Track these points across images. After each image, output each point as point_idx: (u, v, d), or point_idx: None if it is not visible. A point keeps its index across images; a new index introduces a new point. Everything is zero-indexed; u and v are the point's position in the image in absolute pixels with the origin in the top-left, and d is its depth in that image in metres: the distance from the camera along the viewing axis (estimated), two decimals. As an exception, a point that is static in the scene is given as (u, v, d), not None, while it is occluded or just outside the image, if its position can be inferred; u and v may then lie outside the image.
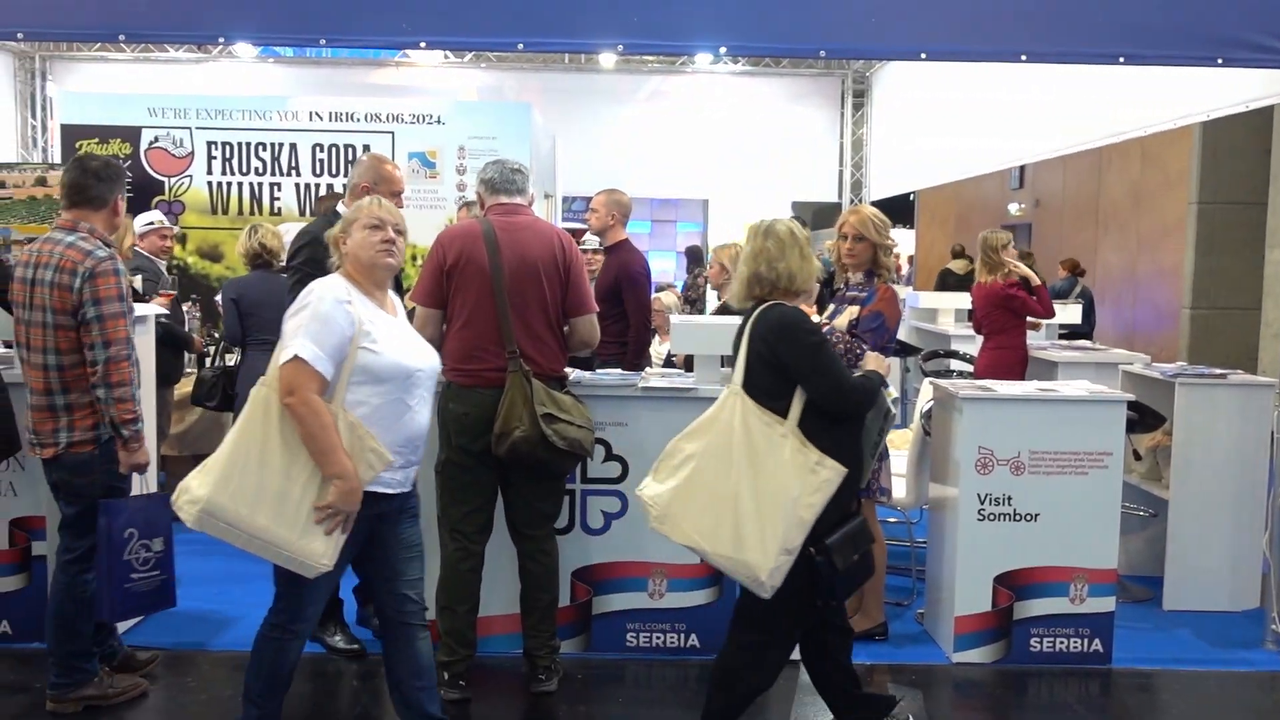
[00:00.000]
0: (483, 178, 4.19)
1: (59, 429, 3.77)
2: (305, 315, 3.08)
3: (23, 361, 3.87)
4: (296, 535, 3.02)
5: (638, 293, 5.41)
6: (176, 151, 8.11)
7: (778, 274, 3.42)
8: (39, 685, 4.17)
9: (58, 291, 3.68)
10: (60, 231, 3.81)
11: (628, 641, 4.54)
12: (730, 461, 3.27)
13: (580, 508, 4.49)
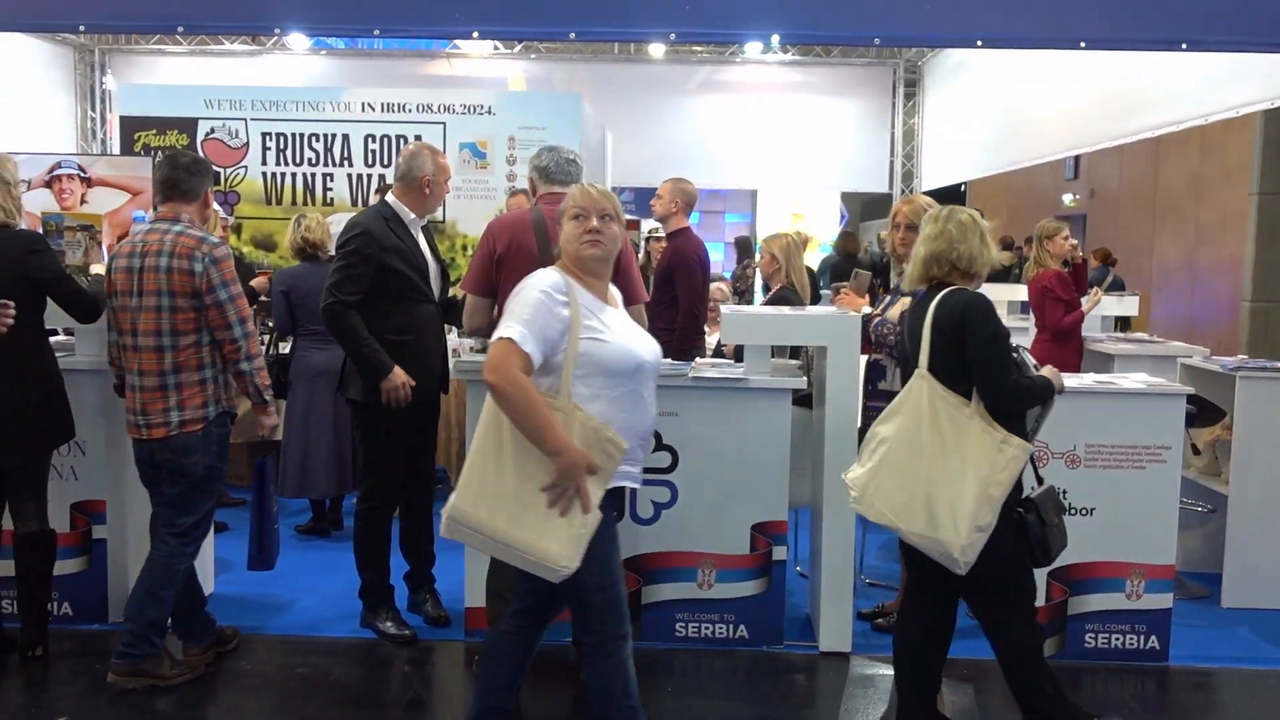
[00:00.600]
0: (537, 164, 4.19)
1: (169, 409, 3.91)
2: (514, 302, 3.01)
3: (124, 347, 3.99)
4: (534, 537, 2.91)
5: (688, 277, 5.40)
6: (232, 143, 8.22)
7: (958, 255, 3.50)
8: (99, 667, 4.26)
9: (178, 276, 3.86)
10: (163, 222, 3.98)
11: (677, 631, 4.54)
12: (920, 443, 3.38)
13: (630, 497, 4.49)
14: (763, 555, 4.49)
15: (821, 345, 4.55)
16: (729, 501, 4.46)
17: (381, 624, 4.53)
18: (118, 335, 4.03)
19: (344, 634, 4.59)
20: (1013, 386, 3.39)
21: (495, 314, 4.08)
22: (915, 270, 3.60)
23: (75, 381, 4.34)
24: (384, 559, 4.55)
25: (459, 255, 7.98)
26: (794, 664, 4.42)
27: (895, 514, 3.40)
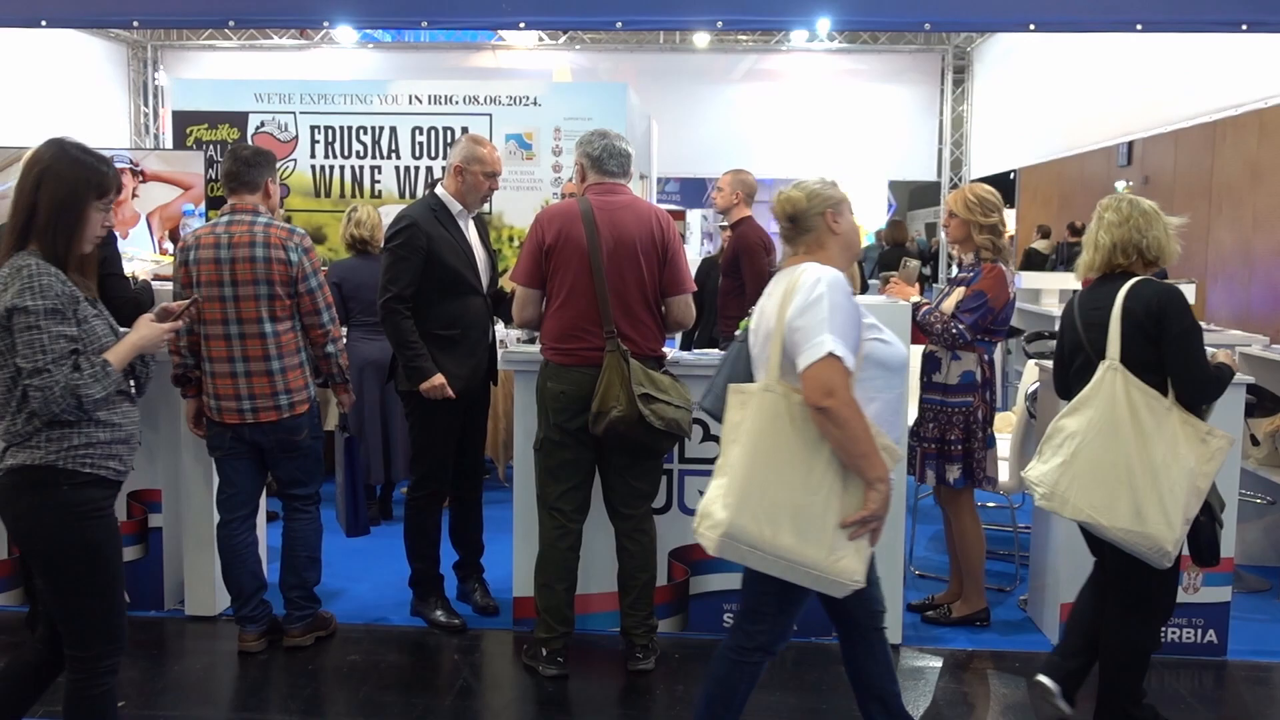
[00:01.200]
0: (587, 151, 4.13)
1: (278, 392, 4.08)
2: (823, 309, 2.76)
3: (209, 337, 4.05)
4: (825, 554, 2.75)
5: (754, 261, 5.42)
6: (281, 136, 8.29)
7: (1149, 243, 3.47)
8: (155, 652, 4.35)
9: (276, 265, 4.03)
10: (243, 214, 4.11)
11: (725, 622, 4.52)
12: (1118, 436, 3.31)
13: (678, 487, 4.49)
14: (812, 546, 4.45)
15: (871, 335, 4.50)
16: (777, 492, 4.43)
17: (431, 612, 4.56)
18: (199, 326, 4.08)
19: (394, 622, 4.64)
20: (1211, 379, 3.35)
21: (544, 306, 4.09)
22: (1098, 257, 3.52)
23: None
24: (434, 548, 4.59)
25: (505, 247, 8.00)
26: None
27: (1095, 510, 3.32)
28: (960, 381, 4.51)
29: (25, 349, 2.67)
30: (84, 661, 2.84)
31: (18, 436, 2.73)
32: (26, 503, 2.75)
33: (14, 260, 2.73)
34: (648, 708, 3.95)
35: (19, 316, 2.67)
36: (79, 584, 2.80)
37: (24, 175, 2.78)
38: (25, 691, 3.00)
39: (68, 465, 2.74)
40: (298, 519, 4.29)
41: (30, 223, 2.76)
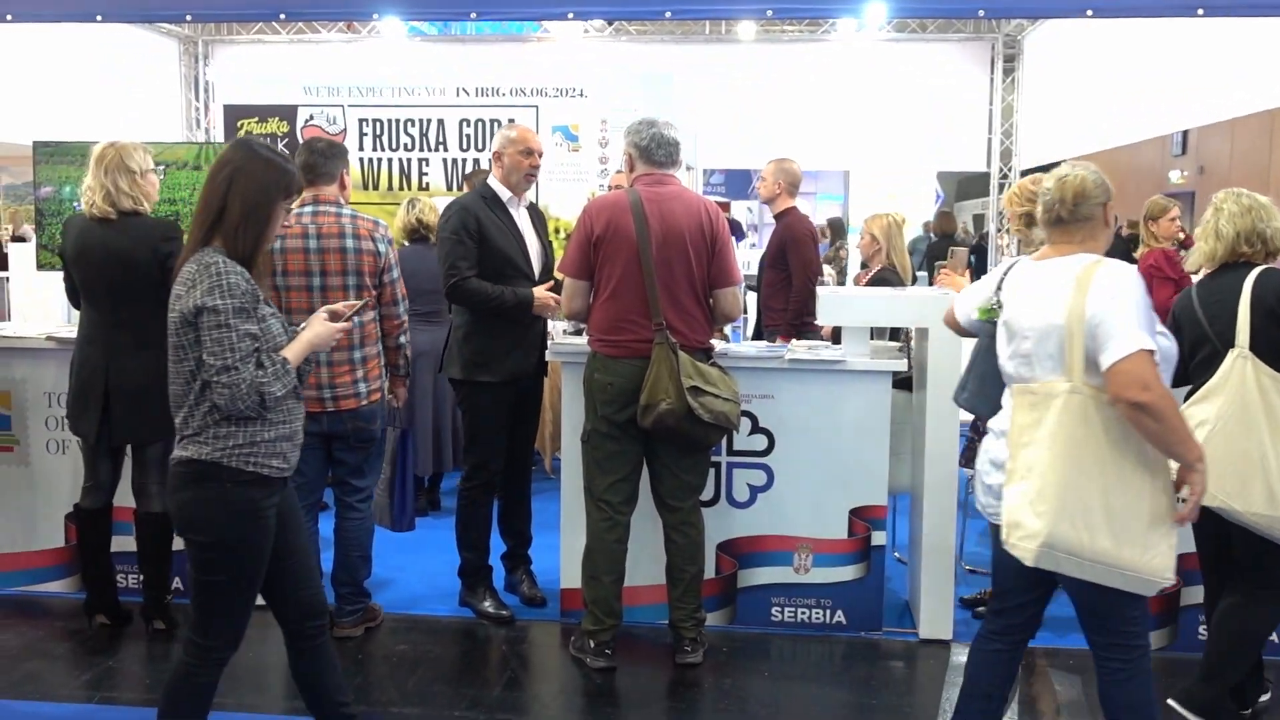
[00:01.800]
0: (635, 141, 4.10)
1: (357, 381, 4.15)
2: (1131, 303, 2.71)
3: (293, 325, 4.04)
4: (1140, 553, 2.72)
5: (801, 251, 5.38)
6: (330, 129, 8.35)
7: (1271, 232, 3.51)
8: (209, 639, 4.39)
9: (366, 257, 4.11)
10: (328, 205, 4.16)
11: (773, 616, 4.50)
12: (1249, 423, 3.36)
13: (726, 480, 4.47)
14: (861, 540, 4.43)
15: (922, 326, 4.46)
16: (826, 485, 4.41)
17: (480, 603, 4.58)
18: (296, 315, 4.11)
19: (443, 612, 4.66)
20: None
21: (591, 297, 4.07)
22: (1220, 247, 3.55)
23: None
24: (485, 539, 4.60)
25: (553, 239, 8.00)
26: (893, 651, 4.35)
27: (1229, 496, 3.34)
28: None
29: (214, 346, 2.72)
30: (202, 649, 2.90)
31: (190, 429, 2.80)
32: (190, 494, 2.82)
33: (200, 257, 2.78)
34: (695, 701, 3.94)
35: (208, 315, 2.72)
36: (223, 579, 2.85)
37: (214, 175, 2.84)
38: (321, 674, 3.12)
39: (231, 463, 2.78)
40: (351, 517, 4.31)
41: (219, 221, 2.81)
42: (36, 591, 4.77)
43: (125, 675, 4.06)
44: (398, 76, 8.81)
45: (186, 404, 2.82)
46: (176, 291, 2.79)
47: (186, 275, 2.78)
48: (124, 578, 4.60)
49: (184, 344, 2.78)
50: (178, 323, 2.78)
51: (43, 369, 4.67)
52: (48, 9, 4.71)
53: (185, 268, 2.79)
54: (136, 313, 4.10)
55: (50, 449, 4.73)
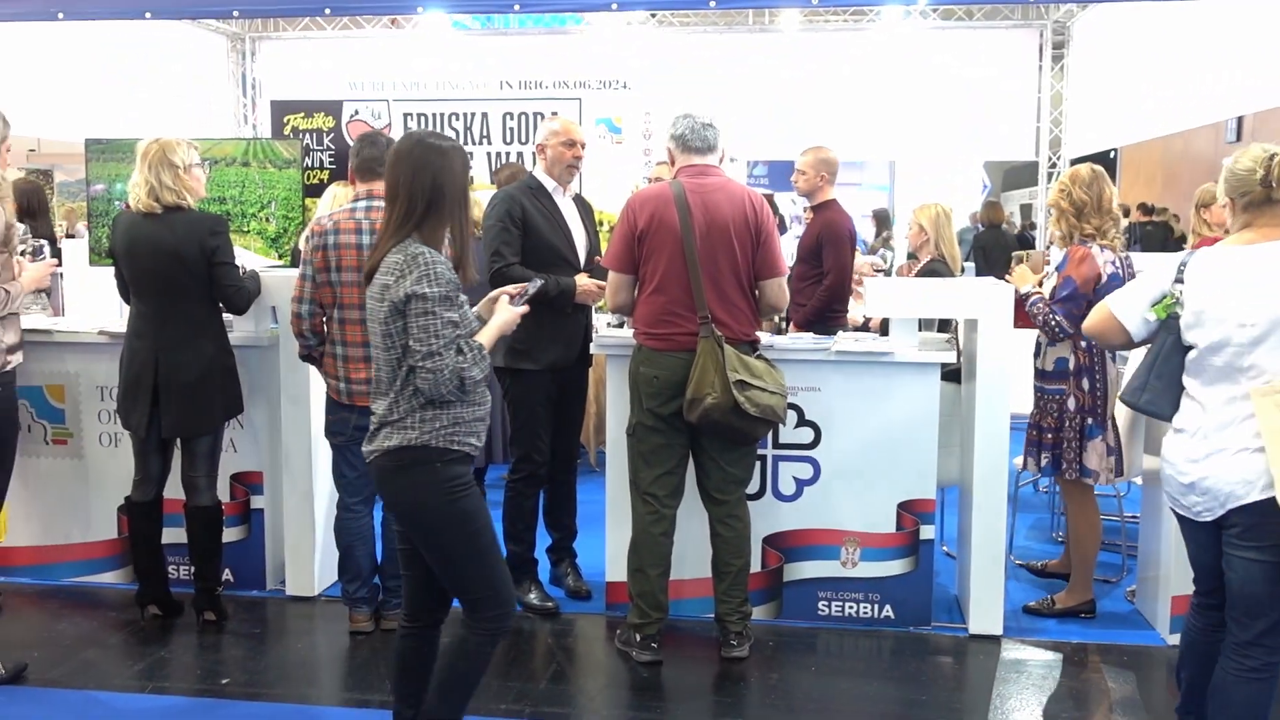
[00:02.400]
0: (674, 134, 4.10)
1: None
2: None
3: (356, 321, 4.03)
4: None
5: (838, 250, 5.27)
6: (375, 123, 8.39)
7: None
8: (258, 631, 4.45)
9: None
10: (380, 200, 4.04)
11: (819, 610, 4.47)
12: None
13: (772, 473, 4.44)
14: (909, 534, 4.38)
15: (971, 318, 4.39)
16: (874, 479, 4.36)
17: (525, 595, 4.58)
18: (334, 311, 4.11)
19: (489, 605, 4.66)
20: None
21: (636, 291, 4.05)
22: None
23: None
24: (530, 531, 4.61)
25: (598, 231, 7.99)
26: (942, 646, 4.30)
27: None
28: (1054, 368, 4.40)
29: (421, 333, 2.80)
30: (482, 623, 2.97)
31: (395, 416, 2.87)
32: (406, 481, 2.89)
33: (405, 248, 2.85)
34: (742, 695, 3.91)
35: (417, 303, 2.80)
36: (462, 553, 2.93)
37: (400, 169, 2.90)
38: (426, 663, 3.12)
39: (439, 444, 2.87)
40: None
41: (417, 213, 2.88)
42: (91, 582, 4.85)
43: (177, 666, 4.11)
44: (441, 70, 8.84)
45: (392, 391, 2.89)
46: (384, 281, 2.85)
47: (393, 265, 2.84)
48: (176, 570, 4.65)
49: (392, 332, 2.86)
50: (388, 311, 2.84)
51: (96, 363, 4.74)
52: (98, 7, 4.77)
53: (389, 259, 2.86)
54: (184, 307, 4.14)
55: (103, 442, 4.80)
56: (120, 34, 9.25)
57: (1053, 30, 12.15)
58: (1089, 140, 12.43)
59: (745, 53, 11.47)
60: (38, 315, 5.15)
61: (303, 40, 11.28)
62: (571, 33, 11.08)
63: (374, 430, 2.95)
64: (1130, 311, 3.11)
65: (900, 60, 12.21)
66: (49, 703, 3.80)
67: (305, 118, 8.37)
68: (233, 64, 11.46)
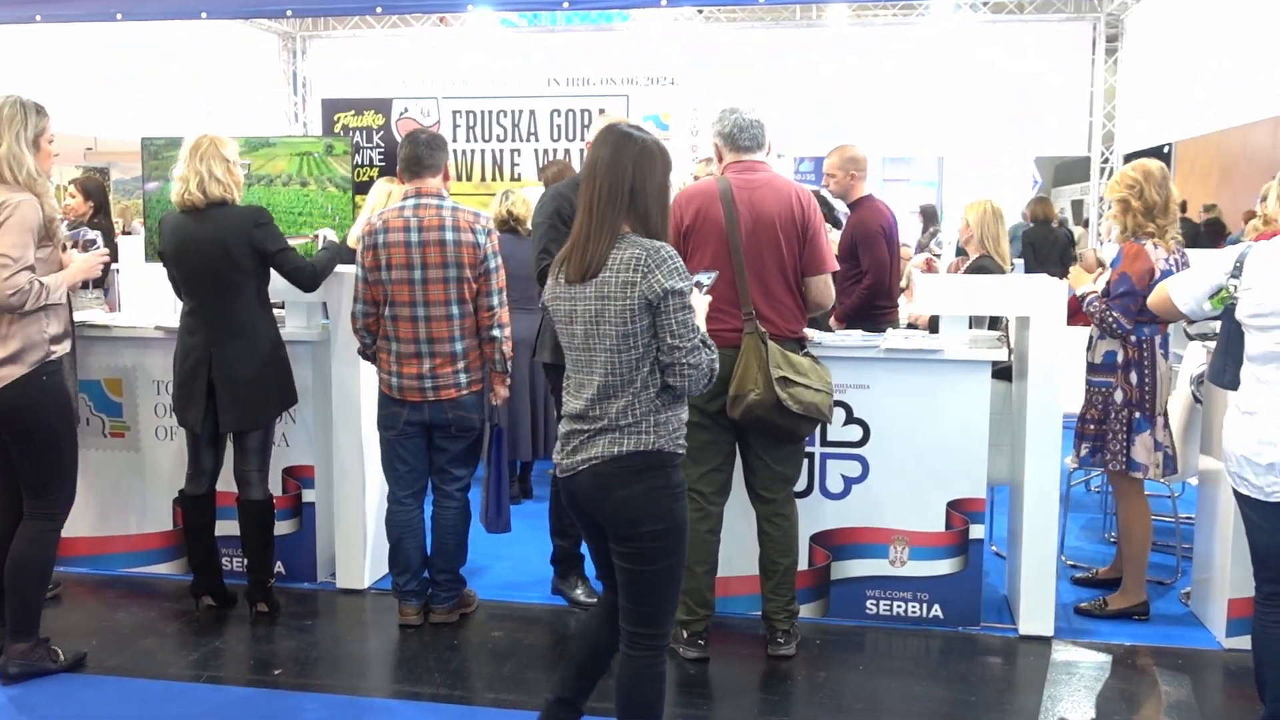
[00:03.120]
0: (720, 130, 4.08)
1: (459, 371, 4.20)
2: None
3: (398, 318, 4.14)
4: None
5: (872, 248, 5.23)
6: (425, 121, 8.43)
7: None
8: (309, 623, 4.50)
9: (466, 249, 4.12)
10: (429, 198, 4.20)
11: (867, 609, 4.44)
12: None
13: (820, 471, 4.41)
14: (959, 533, 4.34)
15: (1023, 315, 4.35)
16: (923, 477, 4.33)
17: (572, 591, 4.60)
18: (385, 309, 4.18)
19: (536, 599, 4.69)
20: None
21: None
22: None
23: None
24: (576, 527, 4.61)
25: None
26: (992, 646, 4.26)
27: None
28: (1102, 360, 4.39)
29: (680, 329, 2.74)
30: (660, 638, 2.91)
31: (629, 419, 2.78)
32: (641, 486, 2.79)
33: (636, 242, 2.76)
34: (789, 693, 3.90)
35: (674, 298, 2.72)
36: (670, 562, 2.86)
37: (601, 164, 2.81)
38: (601, 662, 3.13)
39: (670, 448, 2.82)
40: (449, 505, 4.35)
41: (627, 206, 2.78)
42: (147, 573, 4.94)
43: (231, 656, 4.17)
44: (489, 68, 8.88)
45: (629, 392, 2.78)
46: (626, 279, 2.73)
47: (631, 261, 2.73)
48: (229, 561, 4.72)
49: (635, 330, 2.75)
50: (632, 309, 2.73)
51: (152, 358, 4.82)
52: (155, 7, 4.84)
53: (622, 254, 2.75)
54: (235, 303, 4.20)
55: (159, 435, 4.89)
56: (174, 34, 9.39)
57: (1106, 23, 11.97)
58: (1143, 135, 12.24)
59: (792, 48, 11.42)
60: (95, 310, 5.24)
61: (352, 39, 11.41)
62: (618, 29, 11.10)
63: (591, 435, 2.82)
64: (1187, 298, 3.34)
65: (949, 54, 12.10)
66: (107, 690, 3.87)
67: (355, 115, 8.43)
68: (284, 63, 11.61)
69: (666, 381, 2.78)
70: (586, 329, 2.81)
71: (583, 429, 2.85)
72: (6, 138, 3.73)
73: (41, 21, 4.95)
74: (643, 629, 2.90)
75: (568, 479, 2.90)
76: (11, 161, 3.73)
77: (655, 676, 2.93)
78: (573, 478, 2.88)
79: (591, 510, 2.88)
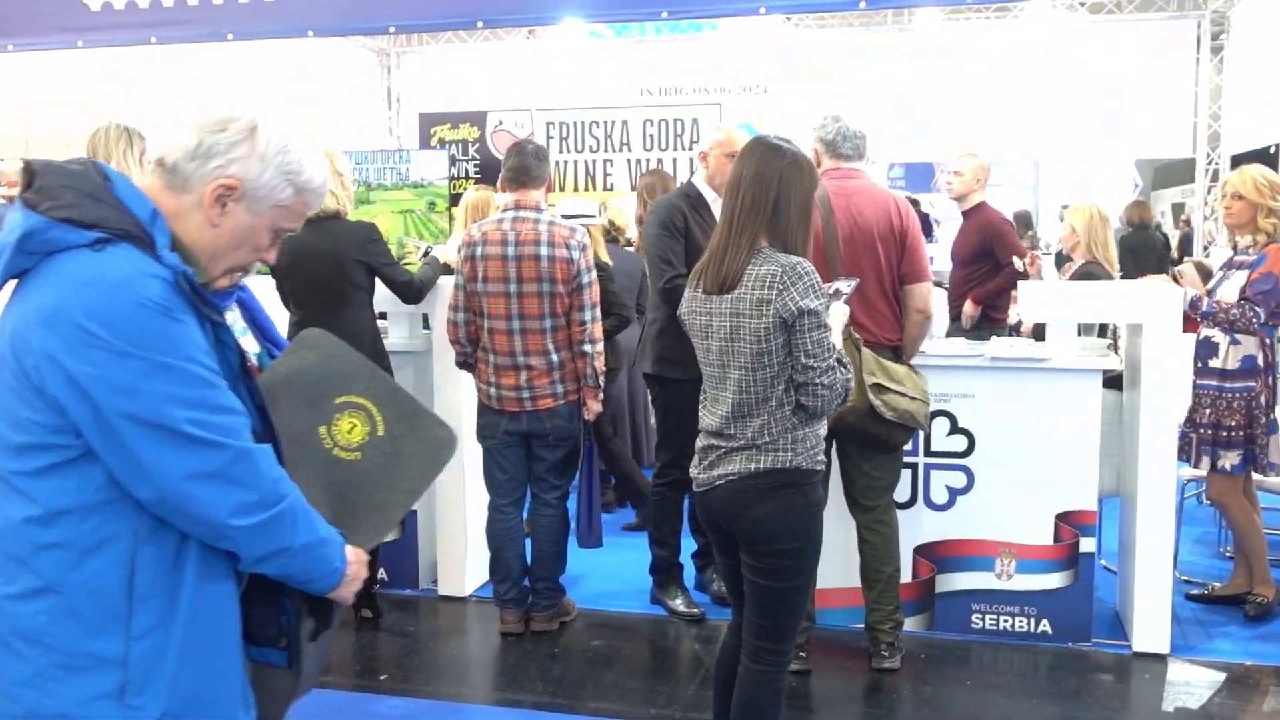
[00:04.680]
0: (822, 136, 4.06)
1: (554, 382, 4.23)
2: None
3: (504, 331, 4.18)
4: None
5: (1007, 242, 5.28)
6: (519, 133, 8.54)
7: None
8: (412, 629, 4.57)
9: (560, 264, 4.14)
10: (528, 211, 4.24)
11: (973, 623, 4.35)
12: None
13: (923, 481, 4.34)
14: (1068, 546, 4.23)
15: (1136, 322, 4.23)
16: (1031, 489, 4.23)
17: (671, 600, 4.59)
18: (483, 319, 4.22)
19: (634, 609, 4.69)
20: None
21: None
22: None
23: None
24: (676, 536, 4.62)
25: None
26: (1104, 663, 4.14)
27: None
28: (1240, 366, 4.31)
29: (815, 349, 2.69)
30: (783, 654, 2.89)
31: (765, 438, 2.76)
32: (776, 504, 2.77)
33: (773, 257, 2.72)
34: (893, 707, 3.84)
35: (809, 317, 2.68)
36: (801, 580, 2.85)
37: (745, 177, 2.78)
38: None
39: (808, 465, 2.79)
40: (546, 514, 4.37)
41: (769, 220, 2.75)
42: (255, 578, 5.05)
43: (336, 660, 4.24)
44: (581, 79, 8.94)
45: (764, 411, 2.75)
46: (761, 296, 2.69)
47: (767, 277, 2.69)
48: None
49: (770, 349, 2.71)
50: (767, 328, 2.70)
51: (260, 368, 4.93)
52: (264, 26, 4.98)
53: (758, 270, 2.71)
54: (345, 313, 4.27)
55: (266, 444, 5.00)
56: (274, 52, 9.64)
57: (1210, 20, 11.61)
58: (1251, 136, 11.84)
59: (882, 51, 11.28)
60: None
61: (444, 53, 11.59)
62: (706, 37, 11.10)
63: (728, 451, 2.80)
64: None
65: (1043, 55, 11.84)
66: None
67: (451, 128, 8.57)
68: (378, 78, 11.83)
69: (799, 400, 2.74)
70: (722, 345, 2.79)
71: (719, 445, 2.83)
72: (115, 156, 3.87)
73: (157, 43, 5.13)
74: (767, 643, 2.87)
75: (703, 493, 2.89)
76: None
77: (774, 691, 2.90)
78: (709, 492, 2.86)
79: (727, 525, 2.86)
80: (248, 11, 4.89)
